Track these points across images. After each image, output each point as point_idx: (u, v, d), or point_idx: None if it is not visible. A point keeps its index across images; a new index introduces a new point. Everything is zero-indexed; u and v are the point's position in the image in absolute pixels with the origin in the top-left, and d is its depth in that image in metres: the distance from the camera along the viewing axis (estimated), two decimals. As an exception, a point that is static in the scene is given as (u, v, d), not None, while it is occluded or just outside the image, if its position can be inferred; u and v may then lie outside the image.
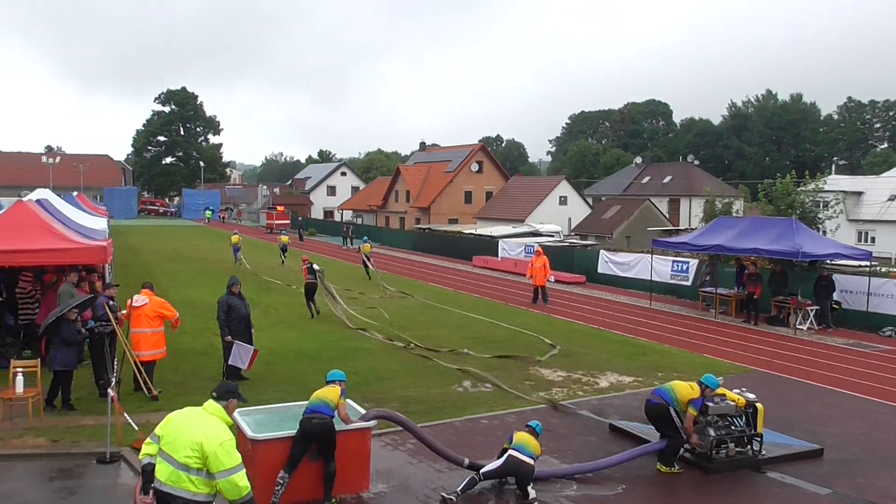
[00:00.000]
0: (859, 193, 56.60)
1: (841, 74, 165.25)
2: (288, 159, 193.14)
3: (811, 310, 21.34)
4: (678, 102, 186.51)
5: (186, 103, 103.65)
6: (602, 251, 33.09)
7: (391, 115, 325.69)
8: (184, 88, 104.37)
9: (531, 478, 8.70)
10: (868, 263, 22.68)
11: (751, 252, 21.95)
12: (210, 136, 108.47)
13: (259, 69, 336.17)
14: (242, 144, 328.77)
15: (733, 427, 10.01)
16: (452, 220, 62.75)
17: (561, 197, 60.86)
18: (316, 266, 21.25)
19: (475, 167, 67.70)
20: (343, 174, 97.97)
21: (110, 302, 12.46)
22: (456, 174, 66.33)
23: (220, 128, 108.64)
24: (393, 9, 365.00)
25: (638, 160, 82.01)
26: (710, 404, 9.84)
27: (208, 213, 78.04)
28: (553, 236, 45.57)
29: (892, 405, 13.42)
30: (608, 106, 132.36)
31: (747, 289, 22.67)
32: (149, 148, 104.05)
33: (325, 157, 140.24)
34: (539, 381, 14.32)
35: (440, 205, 65.41)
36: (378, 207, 74.00)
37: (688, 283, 26.96)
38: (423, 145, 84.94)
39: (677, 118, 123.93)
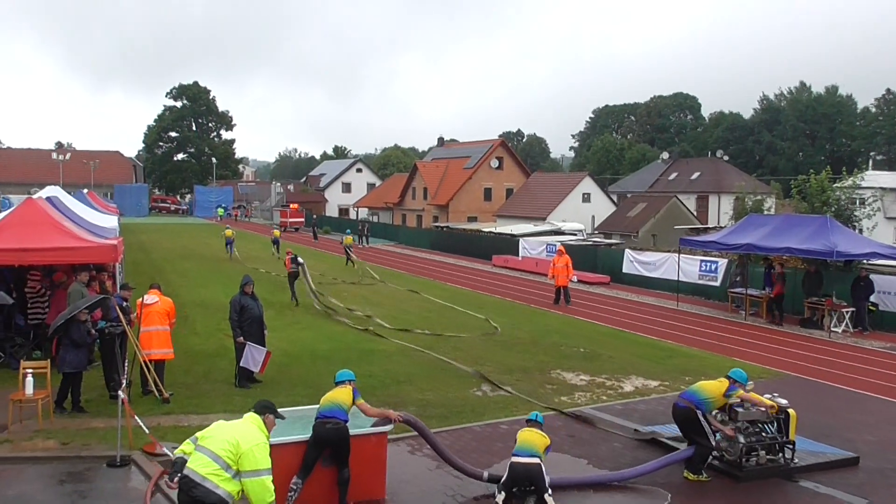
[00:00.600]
0: (898, 190, 55.88)
1: (879, 65, 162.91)
2: (302, 155, 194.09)
3: (846, 312, 21.10)
4: (707, 95, 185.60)
5: (199, 98, 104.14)
6: (627, 250, 32.94)
7: (407, 110, 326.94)
8: (196, 83, 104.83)
9: (544, 482, 8.34)
10: (907, 263, 22.39)
11: (783, 251, 21.74)
12: (223, 132, 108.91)
13: (272, 63, 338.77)
14: (255, 141, 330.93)
15: (764, 434, 9.92)
16: (471, 218, 62.67)
17: (584, 194, 60.56)
18: (300, 259, 24.01)
19: (495, 163, 67.60)
20: (359, 171, 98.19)
21: (123, 303, 12.58)
22: (475, 170, 66.25)
23: (233, 123, 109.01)
24: (407, 1, 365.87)
25: (665, 155, 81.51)
26: (741, 410, 9.76)
27: (220, 211, 78.54)
28: (576, 235, 45.41)
29: (933, 412, 13.24)
30: (633, 99, 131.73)
31: (775, 288, 22.50)
32: (160, 144, 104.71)
33: (341, 154, 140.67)
34: (561, 386, 14.28)
35: (459, 202, 65.39)
36: (394, 205, 74.14)
37: (716, 284, 26.76)
38: (442, 140, 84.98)
39: (706, 112, 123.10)
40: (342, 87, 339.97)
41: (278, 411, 6.59)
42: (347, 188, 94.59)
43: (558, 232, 45.68)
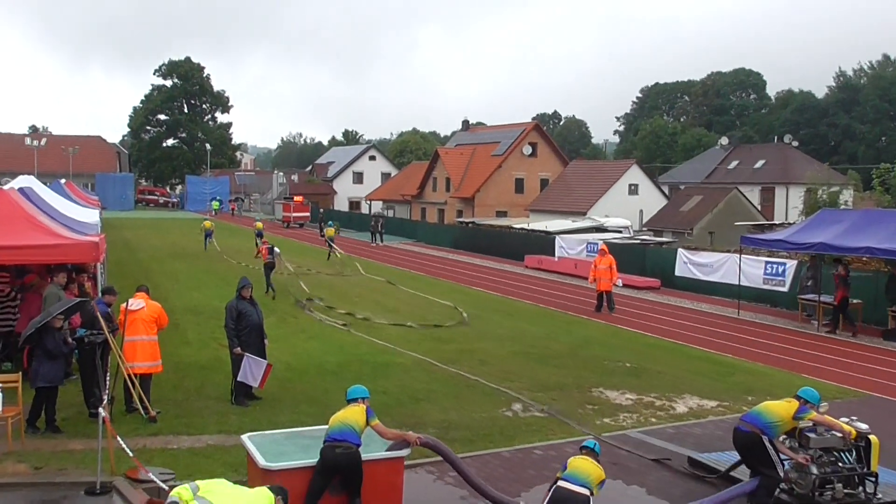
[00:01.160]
0: None
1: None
2: (308, 141, 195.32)
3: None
4: (773, 72, 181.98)
5: (191, 76, 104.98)
6: (680, 250, 32.73)
7: (427, 89, 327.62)
8: (188, 59, 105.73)
9: None
10: None
11: (862, 252, 21.51)
12: (218, 115, 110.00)
13: (272, 37, 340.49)
14: (255, 125, 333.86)
15: (841, 464, 9.78)
16: (500, 213, 62.69)
17: (631, 185, 60.34)
18: (276, 249, 27.43)
19: (528, 150, 67.51)
20: (372, 158, 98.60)
21: (107, 309, 12.66)
22: (505, 158, 66.23)
23: (230, 105, 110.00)
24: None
25: (724, 141, 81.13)
26: (813, 435, 9.63)
27: (215, 204, 79.07)
28: (621, 232, 45.22)
29: None
30: (688, 77, 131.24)
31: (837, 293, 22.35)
32: (147, 128, 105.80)
33: (351, 139, 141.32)
34: (603, 406, 14.21)
35: (486, 194, 65.40)
36: (413, 197, 74.32)
37: (784, 289, 26.47)
38: (467, 124, 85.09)
39: (772, 91, 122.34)
40: (352, 64, 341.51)
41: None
42: (359, 178, 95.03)
43: (600, 229, 45.49)
